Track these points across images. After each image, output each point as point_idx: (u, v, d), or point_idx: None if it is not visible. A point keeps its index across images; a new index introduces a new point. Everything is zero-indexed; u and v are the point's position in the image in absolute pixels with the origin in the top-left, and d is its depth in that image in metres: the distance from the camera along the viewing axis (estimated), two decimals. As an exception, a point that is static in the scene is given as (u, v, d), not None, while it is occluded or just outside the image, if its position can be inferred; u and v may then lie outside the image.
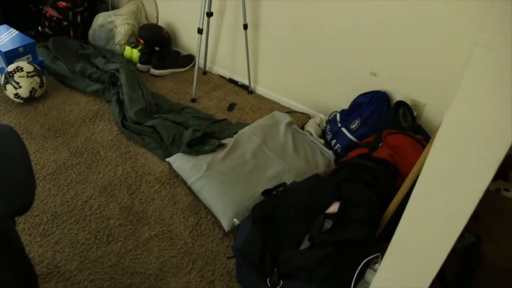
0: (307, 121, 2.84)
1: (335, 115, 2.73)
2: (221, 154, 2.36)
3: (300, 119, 2.94)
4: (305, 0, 2.64)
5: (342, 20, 2.55)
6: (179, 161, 2.35)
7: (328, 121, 2.80)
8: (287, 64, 2.95)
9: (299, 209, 1.89)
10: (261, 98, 3.16)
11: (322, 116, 2.84)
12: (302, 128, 2.78)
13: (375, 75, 2.58)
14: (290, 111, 3.01)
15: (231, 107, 2.99)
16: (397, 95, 2.55)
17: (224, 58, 3.31)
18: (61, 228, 2.06)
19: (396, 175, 2.07)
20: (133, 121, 2.65)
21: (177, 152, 2.43)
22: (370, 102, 2.56)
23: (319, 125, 2.78)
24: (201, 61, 3.39)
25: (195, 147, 2.39)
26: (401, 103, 2.48)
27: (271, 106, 3.08)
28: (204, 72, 3.40)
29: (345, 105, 2.74)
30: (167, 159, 2.42)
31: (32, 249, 1.96)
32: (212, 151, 2.37)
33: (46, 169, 2.37)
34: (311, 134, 2.68)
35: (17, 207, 0.97)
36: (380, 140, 2.30)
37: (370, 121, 2.52)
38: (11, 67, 2.75)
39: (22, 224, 2.07)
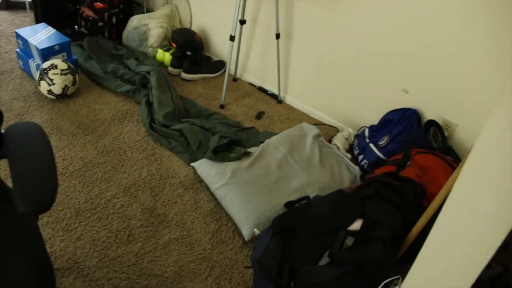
0: (335, 135, 2.82)
1: (364, 130, 2.70)
2: (246, 162, 2.35)
3: (328, 131, 2.91)
4: (339, 13, 2.63)
5: (376, 35, 2.52)
6: (204, 167, 2.35)
7: (356, 136, 2.77)
8: (318, 76, 2.94)
9: (320, 224, 1.87)
10: (290, 108, 3.15)
11: (350, 130, 2.81)
12: (330, 141, 2.75)
13: (406, 92, 2.54)
14: (318, 123, 2.99)
15: (259, 115, 2.99)
16: (429, 114, 2.50)
17: (255, 66, 3.31)
18: (84, 224, 2.09)
19: (422, 196, 2.02)
20: (161, 123, 2.67)
21: (203, 157, 2.44)
22: (401, 119, 2.53)
23: (347, 139, 2.75)
24: (232, 68, 3.40)
25: (220, 154, 2.39)
26: (432, 122, 2.43)
27: (299, 117, 3.06)
28: (235, 79, 3.41)
29: (375, 121, 2.71)
30: (192, 164, 2.43)
31: (54, 243, 1.99)
32: (238, 159, 2.37)
33: (73, 165, 2.40)
34: (338, 148, 2.65)
35: (38, 207, 0.98)
36: (408, 159, 2.26)
37: (399, 139, 2.48)
38: (46, 64, 2.80)
39: (47, 217, 2.10)
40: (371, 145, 2.56)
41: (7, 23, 3.91)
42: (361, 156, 2.58)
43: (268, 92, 3.26)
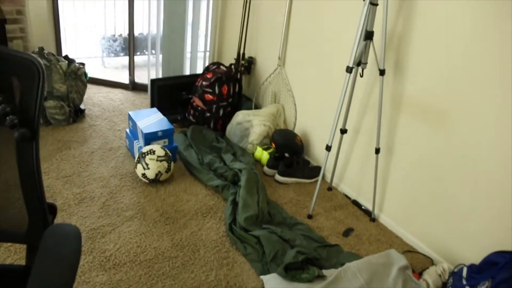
0: (427, 268, 2.51)
1: (462, 269, 2.38)
2: (317, 287, 2.15)
3: (420, 261, 2.62)
4: (448, 133, 2.43)
5: (487, 163, 2.27)
6: (272, 283, 2.19)
7: (451, 274, 2.44)
8: (417, 198, 2.70)
9: None
10: (383, 229, 2.90)
11: (445, 265, 2.49)
12: (420, 274, 2.46)
13: (517, 234, 2.23)
14: (411, 250, 2.71)
15: (347, 232, 2.78)
16: (541, 266, 2.14)
17: (353, 178, 3.15)
18: (138, 322, 2.00)
19: None
20: (241, 226, 2.58)
21: (275, 270, 2.28)
22: (508, 265, 2.19)
23: (440, 276, 2.44)
24: (328, 175, 3.27)
25: (292, 272, 2.22)
26: (545, 277, 2.07)
27: (391, 240, 2.80)
28: (330, 188, 3.26)
29: (476, 259, 2.38)
30: (261, 276, 2.28)
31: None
32: (309, 281, 2.18)
33: (145, 254, 2.37)
34: (428, 286, 2.35)
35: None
36: (509, 317, 1.92)
37: (502, 288, 2.14)
38: (145, 149, 2.90)
39: (105, 307, 2.05)
40: (468, 289, 2.23)
41: (128, 103, 4.21)
42: (454, 301, 2.26)
43: (363, 207, 3.05)
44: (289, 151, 3.30)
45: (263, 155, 3.36)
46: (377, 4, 2.45)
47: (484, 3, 2.15)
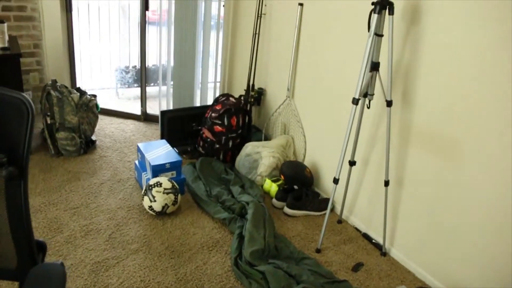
0: (440, 306, 2.43)
1: (476, 308, 2.29)
2: (322, 325, 2.08)
3: (433, 299, 2.54)
4: (462, 167, 2.37)
5: (500, 195, 2.20)
6: (276, 321, 2.13)
7: (465, 313, 2.36)
8: (429, 231, 2.62)
9: None
10: (394, 263, 2.82)
11: (459, 304, 2.41)
12: (432, 312, 2.38)
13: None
14: (423, 286, 2.63)
15: (356, 267, 2.71)
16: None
17: (363, 210, 3.09)
18: None
19: None
20: (246, 261, 2.53)
21: (280, 307, 2.22)
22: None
23: (452, 314, 2.35)
24: (338, 208, 3.21)
25: (297, 309, 2.16)
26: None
27: (403, 275, 2.72)
28: (340, 221, 3.19)
29: (491, 298, 2.30)
30: (266, 313, 2.22)
31: None
32: (314, 319, 2.11)
33: (150, 290, 2.34)
34: (439, 325, 2.27)
35: None
36: None
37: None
38: (152, 181, 2.89)
39: None
40: (481, 330, 2.14)
41: (139, 133, 4.23)
42: None
43: (373, 241, 2.98)
44: (298, 183, 3.26)
45: (272, 187, 3.32)
46: (382, 35, 2.43)
47: (491, 31, 2.12)
